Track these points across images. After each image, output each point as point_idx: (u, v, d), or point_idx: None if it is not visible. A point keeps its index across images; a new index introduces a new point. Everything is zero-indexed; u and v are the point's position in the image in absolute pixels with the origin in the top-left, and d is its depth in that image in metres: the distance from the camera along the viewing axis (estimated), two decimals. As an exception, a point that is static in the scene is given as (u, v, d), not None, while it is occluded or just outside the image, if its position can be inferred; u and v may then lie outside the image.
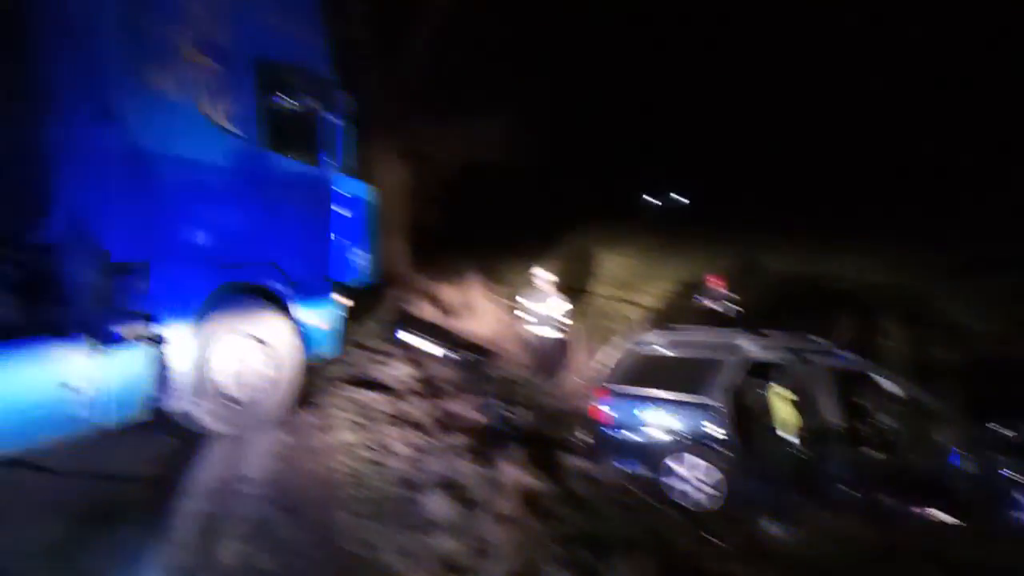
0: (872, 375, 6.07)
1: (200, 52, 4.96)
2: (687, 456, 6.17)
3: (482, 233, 16.88)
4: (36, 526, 4.11)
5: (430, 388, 7.84)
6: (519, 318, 9.59)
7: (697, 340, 6.79)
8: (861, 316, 9.10)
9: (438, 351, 9.30)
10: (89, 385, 4.50)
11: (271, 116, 5.63)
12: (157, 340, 4.91)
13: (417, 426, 6.34)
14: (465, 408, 7.22)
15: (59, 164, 4.60)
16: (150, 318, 4.85)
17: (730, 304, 9.76)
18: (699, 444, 6.15)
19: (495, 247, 15.49)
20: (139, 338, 4.79)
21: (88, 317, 4.59)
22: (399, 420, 6.40)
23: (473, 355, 9.60)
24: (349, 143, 6.48)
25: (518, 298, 9.67)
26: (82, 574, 3.73)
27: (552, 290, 9.35)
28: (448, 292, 12.67)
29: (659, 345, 6.83)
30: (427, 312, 11.64)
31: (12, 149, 4.69)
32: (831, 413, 5.84)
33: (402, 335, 9.35)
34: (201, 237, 5.09)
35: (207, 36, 5.05)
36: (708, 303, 9.86)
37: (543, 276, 9.39)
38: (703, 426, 6.17)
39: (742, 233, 13.74)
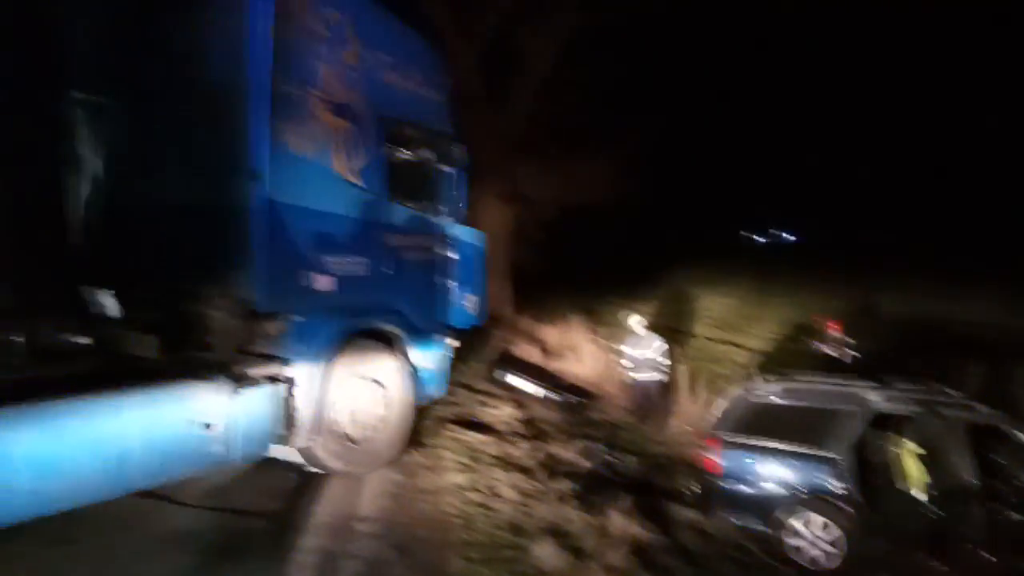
0: (1007, 429, 5.67)
1: (334, 114, 5.34)
2: (804, 511, 5.92)
3: (583, 274, 16.97)
4: (170, 556, 4.40)
5: (534, 430, 7.90)
6: (620, 360, 9.55)
7: (816, 388, 6.55)
8: (991, 363, 8.51)
9: (540, 392, 9.38)
10: (223, 423, 4.82)
11: (394, 170, 6.00)
12: (286, 381, 5.21)
13: (523, 469, 6.39)
14: (569, 452, 7.23)
15: (206, 219, 5.03)
16: (280, 361, 5.16)
17: (847, 350, 9.34)
18: (817, 499, 5.90)
19: (596, 288, 15.52)
20: (269, 379, 5.10)
21: (225, 359, 4.95)
22: (505, 462, 6.48)
23: (575, 397, 9.63)
24: (463, 192, 6.80)
25: (618, 340, 9.66)
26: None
27: (652, 332, 9.27)
28: (550, 333, 12.76)
29: (774, 393, 6.62)
30: (529, 353, 11.75)
31: (166, 205, 5.18)
32: (963, 469, 5.48)
33: (505, 376, 9.49)
34: (331, 285, 5.40)
35: (340, 100, 5.44)
36: (823, 348, 9.47)
37: (643, 318, 9.34)
38: (822, 480, 5.91)
39: (856, 272, 13.16)
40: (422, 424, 6.91)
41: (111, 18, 5.24)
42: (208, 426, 4.71)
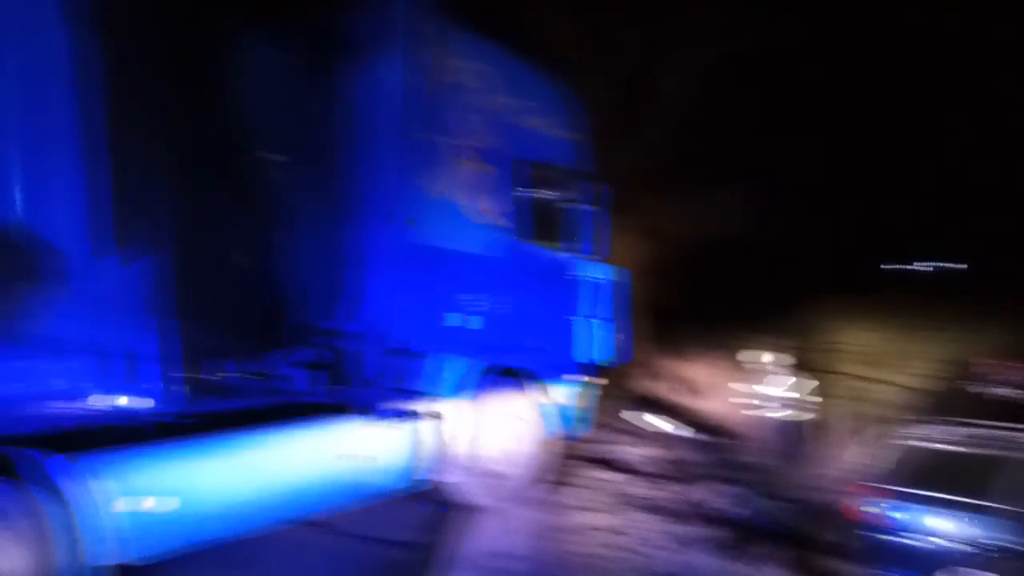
0: None
1: (475, 160, 5.58)
2: (975, 572, 5.36)
3: (722, 309, 16.44)
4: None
5: (676, 471, 7.70)
6: (759, 399, 9.14)
7: (993, 434, 5.95)
8: None
9: (681, 432, 9.12)
10: (375, 457, 5.07)
11: (532, 210, 6.17)
12: (432, 416, 5.41)
13: (663, 512, 6.24)
14: (713, 495, 6.98)
15: (353, 261, 5.38)
16: (426, 396, 5.38)
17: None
18: (991, 558, 5.32)
19: (735, 323, 14.97)
20: (417, 415, 5.33)
21: (375, 395, 5.23)
22: (646, 504, 6.35)
23: (715, 438, 9.27)
24: (605, 230, 6.83)
25: (757, 378, 9.26)
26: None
27: (792, 369, 8.82)
28: (688, 371, 12.41)
29: (941, 438, 6.07)
30: (668, 391, 11.48)
31: (328, 250, 5.58)
32: None
33: (645, 415, 9.33)
34: (472, 324, 5.62)
35: (481, 145, 5.69)
36: (993, 388, 8.61)
37: (783, 354, 8.91)
38: (998, 537, 5.34)
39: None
40: (564, 462, 6.92)
41: (279, 81, 5.75)
42: (362, 459, 4.97)
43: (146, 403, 3.62)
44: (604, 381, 7.95)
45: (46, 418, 3.44)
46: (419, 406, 5.34)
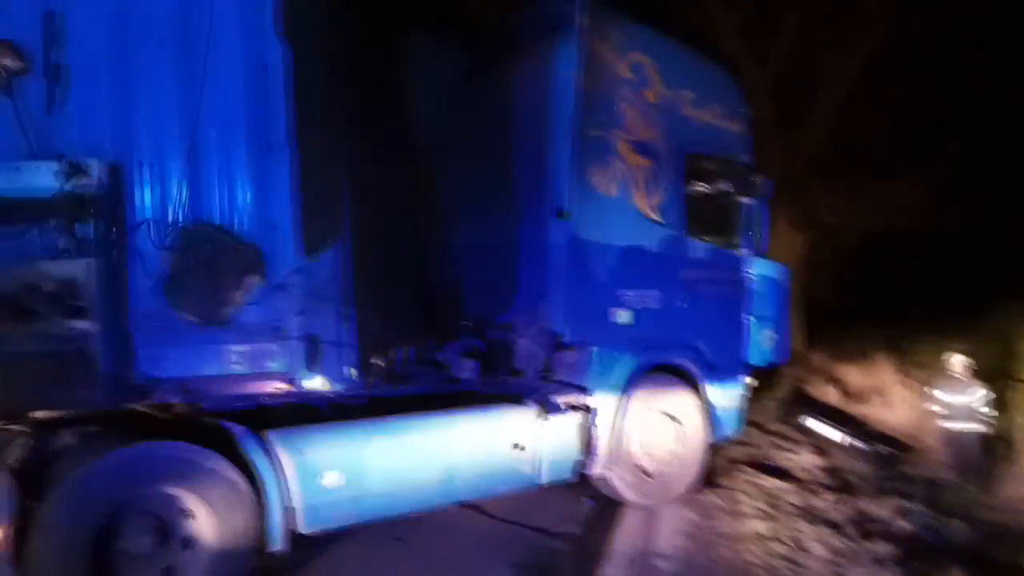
0: None
1: (635, 152, 5.52)
2: None
3: (890, 307, 15.26)
4: (487, 565, 4.76)
5: (838, 480, 7.25)
6: (936, 407, 8.39)
7: None
8: None
9: (844, 439, 8.59)
10: (532, 446, 5.16)
11: (694, 204, 6.01)
12: (587, 410, 5.44)
13: (830, 523, 5.89)
14: (882, 509, 6.50)
15: (518, 255, 5.51)
16: (583, 390, 5.41)
17: None
18: None
19: (907, 323, 13.84)
20: (573, 408, 5.37)
21: (535, 387, 5.33)
22: (809, 514, 6.02)
23: (885, 447, 8.65)
24: (764, 224, 6.56)
25: (934, 384, 8.50)
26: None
27: (976, 376, 8.00)
28: (851, 373, 11.65)
29: None
30: (829, 395, 10.85)
31: (487, 243, 5.75)
32: None
33: (804, 419, 8.88)
34: (630, 319, 5.57)
35: (641, 138, 5.61)
36: None
37: (963, 359, 8.09)
38: None
39: None
40: (716, 464, 6.73)
41: (448, 81, 5.97)
42: (519, 447, 5.08)
43: (329, 385, 3.89)
44: (761, 381, 7.65)
45: (247, 397, 3.81)
46: (577, 399, 5.39)
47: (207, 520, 3.76)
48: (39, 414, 3.90)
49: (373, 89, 4.71)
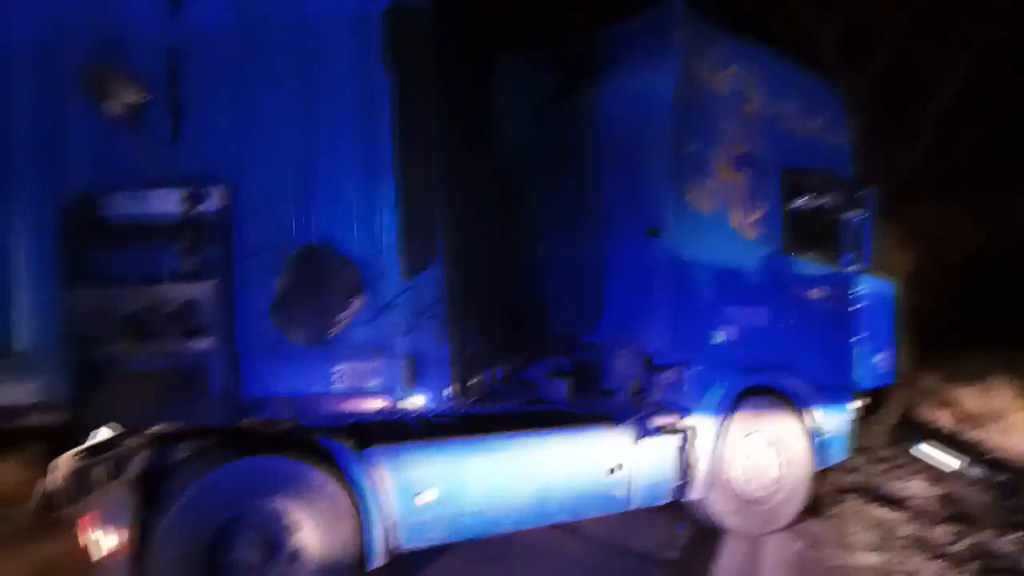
0: None
1: (733, 169, 5.40)
2: None
3: (1004, 327, 14.27)
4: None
5: (955, 511, 6.78)
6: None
7: None
8: None
9: (960, 466, 8.06)
10: (627, 468, 5.06)
11: (794, 220, 5.82)
12: (683, 433, 5.30)
13: (947, 558, 5.50)
14: (1005, 543, 6.03)
15: (612, 275, 5.47)
16: (679, 412, 5.28)
17: None
18: None
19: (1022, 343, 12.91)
20: (668, 430, 5.24)
21: (629, 408, 5.24)
22: (924, 546, 5.65)
23: (1005, 475, 8.06)
24: (868, 239, 6.28)
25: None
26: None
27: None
28: (966, 396, 10.94)
29: None
30: (941, 419, 10.21)
31: (574, 262, 5.73)
32: None
33: (916, 444, 8.39)
34: (729, 339, 5.43)
35: (740, 154, 5.49)
36: None
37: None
38: None
39: None
40: (822, 491, 6.42)
41: (539, 101, 6.01)
42: (613, 469, 5.00)
43: (425, 403, 3.95)
44: (869, 405, 7.29)
45: (348, 414, 3.91)
46: (672, 421, 5.26)
47: (311, 534, 3.86)
48: (156, 429, 4.14)
49: (466, 111, 4.79)
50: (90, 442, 4.37)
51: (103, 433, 4.41)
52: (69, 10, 3.58)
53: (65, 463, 4.20)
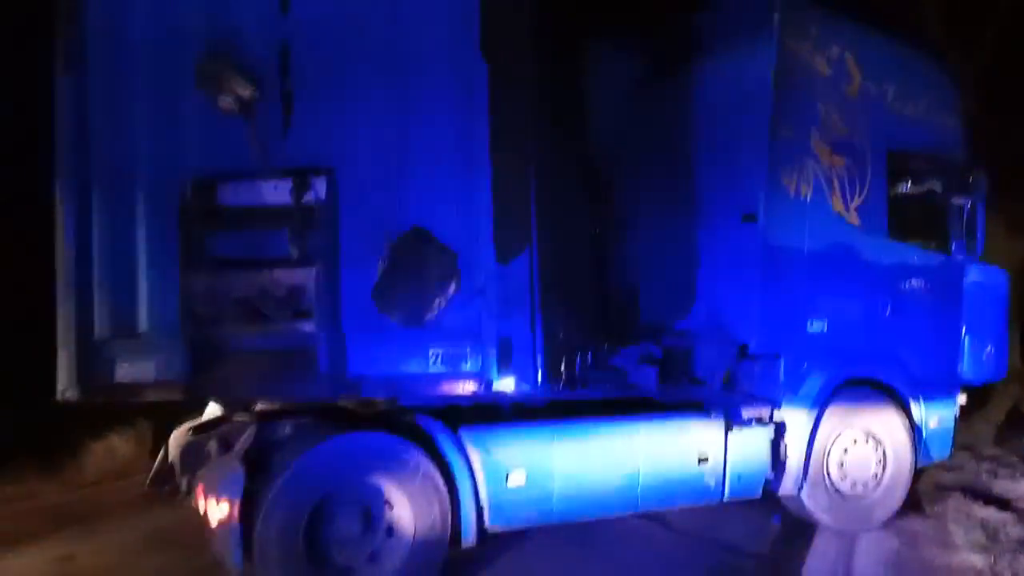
0: None
1: (833, 152, 5.21)
2: None
3: None
4: (672, 578, 4.69)
5: (1066, 513, 6.37)
6: None
7: None
8: None
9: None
10: (716, 458, 5.00)
11: (901, 206, 5.58)
12: (777, 425, 5.19)
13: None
14: None
15: (704, 261, 5.39)
16: (772, 403, 5.17)
17: None
18: None
19: None
20: (761, 421, 5.14)
21: (721, 397, 5.16)
22: (1027, 549, 5.35)
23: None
24: (980, 225, 5.93)
25: None
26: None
27: None
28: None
29: None
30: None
31: (666, 248, 5.66)
32: None
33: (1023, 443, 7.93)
34: (828, 329, 5.27)
35: (840, 137, 5.29)
36: None
37: None
38: None
39: None
40: (920, 488, 6.16)
41: (630, 86, 5.96)
42: (703, 459, 4.95)
43: (517, 386, 4.02)
44: (974, 400, 6.91)
45: (442, 395, 4.02)
46: (765, 412, 5.16)
47: (406, 511, 4.00)
48: (261, 406, 4.38)
49: (558, 98, 4.80)
50: (201, 418, 4.68)
51: (213, 410, 4.72)
52: (185, 8, 3.79)
53: (179, 437, 4.51)
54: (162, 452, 4.67)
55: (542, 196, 4.11)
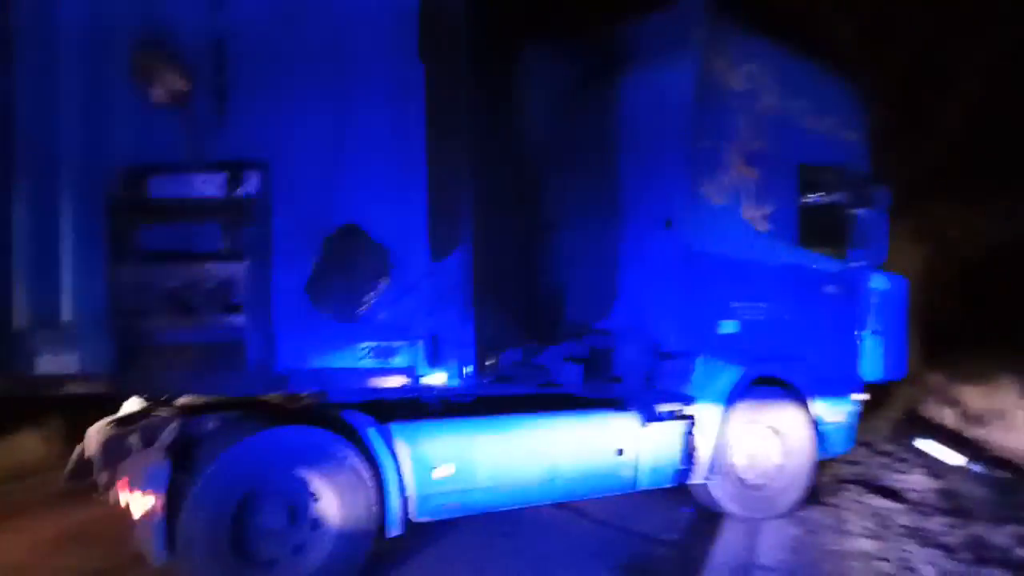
0: None
1: (747, 164, 5.53)
2: None
3: (1013, 326, 14.32)
4: (590, 565, 4.87)
5: (952, 504, 6.94)
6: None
7: None
8: None
9: (960, 462, 8.21)
10: (633, 451, 5.25)
11: (809, 216, 5.96)
12: (688, 419, 5.48)
13: (942, 547, 5.67)
14: (1001, 535, 6.18)
15: (626, 264, 5.63)
16: (686, 399, 5.46)
17: None
18: None
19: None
20: (675, 416, 5.42)
21: (636, 393, 5.43)
22: (920, 536, 5.82)
23: (1005, 472, 8.21)
24: (882, 235, 6.39)
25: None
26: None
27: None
28: (971, 395, 11.05)
29: None
30: (945, 416, 10.35)
31: (590, 251, 5.88)
32: None
33: (917, 440, 8.55)
34: (737, 330, 5.59)
35: (754, 149, 5.61)
36: None
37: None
38: None
39: None
40: (821, 480, 6.59)
41: (557, 94, 6.14)
42: (620, 452, 5.19)
43: (446, 382, 4.14)
44: (874, 400, 7.43)
45: (369, 390, 4.11)
46: (679, 408, 5.44)
47: (332, 503, 4.07)
48: (184, 401, 4.36)
49: (492, 101, 4.93)
50: (119, 414, 4.62)
51: (131, 405, 4.66)
52: (118, -1, 3.75)
53: (97, 432, 4.45)
54: (79, 447, 4.59)
55: (476, 196, 4.24)
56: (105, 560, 4.47)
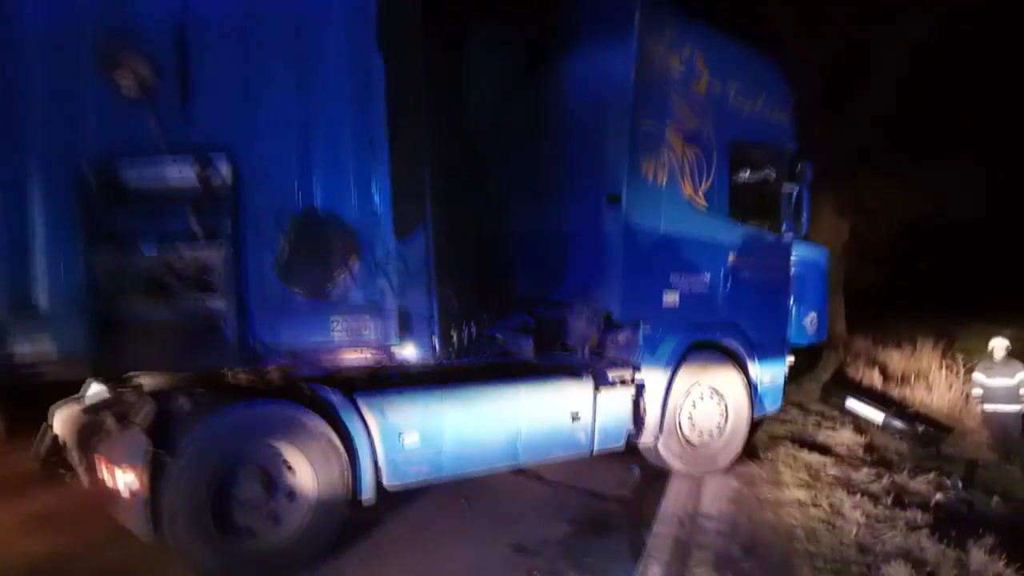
0: None
1: (683, 142, 5.89)
2: None
3: (933, 293, 15.30)
4: (550, 523, 5.22)
5: (876, 456, 7.55)
6: (977, 390, 8.60)
7: None
8: None
9: (884, 419, 8.84)
10: (587, 416, 5.58)
11: (739, 190, 6.38)
12: (636, 384, 5.87)
13: (866, 494, 6.21)
14: (918, 483, 6.79)
15: (574, 239, 5.94)
16: (632, 366, 5.84)
17: None
18: None
19: (950, 309, 13.91)
20: (624, 382, 5.80)
21: (588, 362, 5.76)
22: (847, 484, 6.35)
23: (923, 426, 8.88)
24: (806, 208, 6.86)
25: (975, 367, 8.70)
26: (589, 570, 4.63)
27: (1017, 359, 8.21)
28: (894, 357, 11.84)
29: None
30: (871, 378, 11.07)
31: (541, 228, 6.17)
32: None
33: (845, 399, 9.14)
34: (677, 300, 5.99)
35: (690, 128, 5.98)
36: None
37: (1005, 342, 8.29)
38: None
39: None
40: (757, 438, 7.09)
41: (506, 76, 6.36)
42: (575, 417, 5.51)
43: (412, 354, 4.37)
44: (804, 364, 7.96)
45: (340, 363, 4.31)
46: (627, 374, 5.81)
47: (307, 473, 4.25)
48: (148, 383, 4.45)
49: (446, 86, 5.12)
50: (82, 393, 4.69)
51: (94, 387, 4.72)
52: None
53: (63, 416, 4.51)
54: (42, 431, 4.64)
55: (433, 178, 4.44)
56: (77, 543, 4.53)
